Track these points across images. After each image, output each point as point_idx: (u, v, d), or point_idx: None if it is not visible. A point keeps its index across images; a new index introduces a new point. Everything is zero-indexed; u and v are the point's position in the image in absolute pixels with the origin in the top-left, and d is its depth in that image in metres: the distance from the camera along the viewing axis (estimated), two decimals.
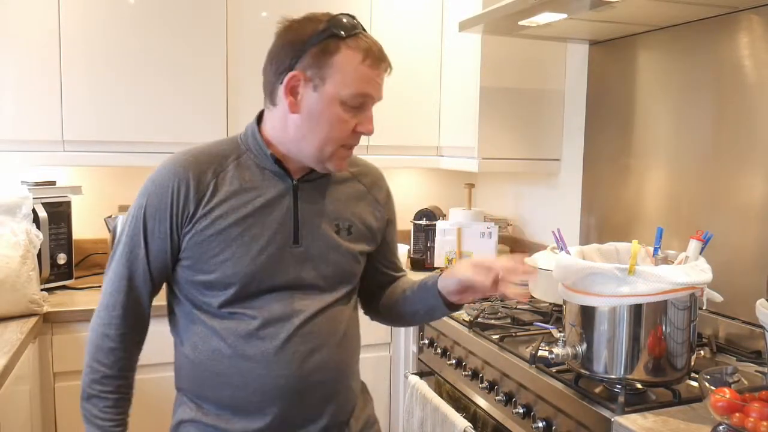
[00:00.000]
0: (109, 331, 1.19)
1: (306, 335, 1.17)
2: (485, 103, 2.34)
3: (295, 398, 1.17)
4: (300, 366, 1.16)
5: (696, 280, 1.26)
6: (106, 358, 1.18)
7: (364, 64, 1.13)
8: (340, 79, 1.12)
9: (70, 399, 1.99)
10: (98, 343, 1.19)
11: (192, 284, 1.18)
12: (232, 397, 1.16)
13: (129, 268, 1.18)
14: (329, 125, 1.14)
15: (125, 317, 1.19)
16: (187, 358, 1.20)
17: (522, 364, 1.54)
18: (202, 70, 2.32)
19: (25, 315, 1.88)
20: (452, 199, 3.00)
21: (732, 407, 1.12)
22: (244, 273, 1.15)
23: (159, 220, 1.16)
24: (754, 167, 1.65)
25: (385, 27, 2.50)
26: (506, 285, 1.16)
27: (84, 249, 2.53)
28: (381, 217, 1.33)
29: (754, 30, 1.65)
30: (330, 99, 1.13)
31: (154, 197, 1.16)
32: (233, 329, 1.16)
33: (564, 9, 1.72)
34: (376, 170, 1.37)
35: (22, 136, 2.16)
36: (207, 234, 1.15)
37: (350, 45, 1.12)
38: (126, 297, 1.18)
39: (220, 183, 1.17)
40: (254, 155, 1.21)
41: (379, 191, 1.34)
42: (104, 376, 1.18)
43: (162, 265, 1.18)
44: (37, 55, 2.15)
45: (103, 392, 1.18)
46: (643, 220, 2.01)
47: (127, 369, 1.21)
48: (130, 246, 1.18)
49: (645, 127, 2.00)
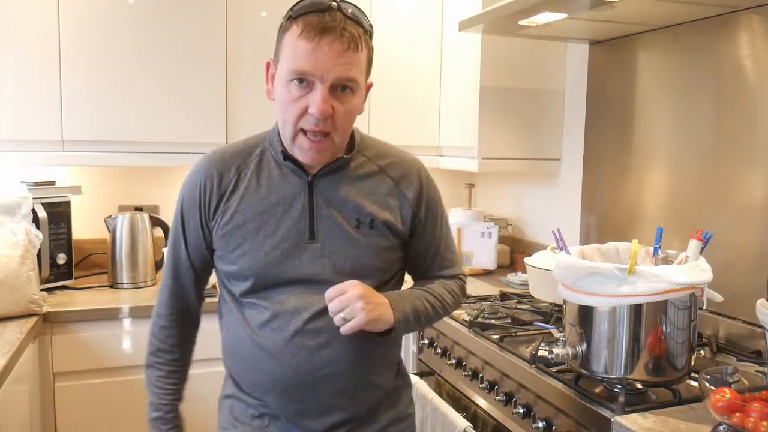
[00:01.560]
0: (160, 311, 1.32)
1: (315, 330, 1.18)
2: (485, 102, 2.34)
3: (305, 390, 1.19)
4: (308, 360, 1.17)
5: (696, 280, 1.26)
6: (160, 333, 1.31)
7: (300, 37, 1.09)
8: (284, 56, 1.12)
9: (69, 399, 1.99)
10: (154, 321, 1.32)
11: (222, 273, 1.26)
12: (252, 381, 1.23)
13: (174, 257, 1.29)
14: (283, 107, 1.14)
15: (172, 300, 1.30)
16: (224, 340, 1.29)
17: (522, 364, 1.54)
18: (202, 70, 2.32)
19: (25, 315, 1.88)
20: (452, 199, 3.00)
21: (732, 407, 1.12)
22: (258, 267, 1.19)
23: (192, 214, 1.24)
24: (754, 167, 1.64)
25: (385, 27, 2.50)
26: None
27: (84, 249, 2.53)
28: (406, 213, 1.26)
29: (754, 30, 1.64)
30: (280, 79, 1.13)
31: (187, 193, 1.25)
32: (252, 318, 1.21)
33: (564, 9, 1.72)
34: (409, 162, 1.29)
35: (22, 136, 2.16)
36: (228, 228, 1.21)
37: (297, 21, 1.10)
38: (173, 283, 1.30)
39: (241, 179, 1.22)
40: (274, 152, 1.23)
41: (408, 185, 1.26)
42: (158, 349, 1.31)
43: (200, 255, 1.27)
44: (37, 54, 2.15)
45: (157, 363, 1.31)
46: (643, 220, 2.01)
47: (178, 345, 1.32)
48: (174, 237, 1.28)
49: (645, 127, 2.00)
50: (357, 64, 1.12)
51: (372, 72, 1.20)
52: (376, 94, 2.47)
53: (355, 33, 1.10)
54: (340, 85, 1.12)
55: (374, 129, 2.53)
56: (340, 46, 1.09)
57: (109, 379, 2.03)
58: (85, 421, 2.01)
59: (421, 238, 1.30)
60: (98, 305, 2.02)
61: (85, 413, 2.00)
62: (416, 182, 1.28)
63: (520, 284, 2.33)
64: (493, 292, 2.23)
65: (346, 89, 1.13)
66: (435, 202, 1.31)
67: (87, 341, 1.99)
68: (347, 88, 1.13)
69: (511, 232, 2.76)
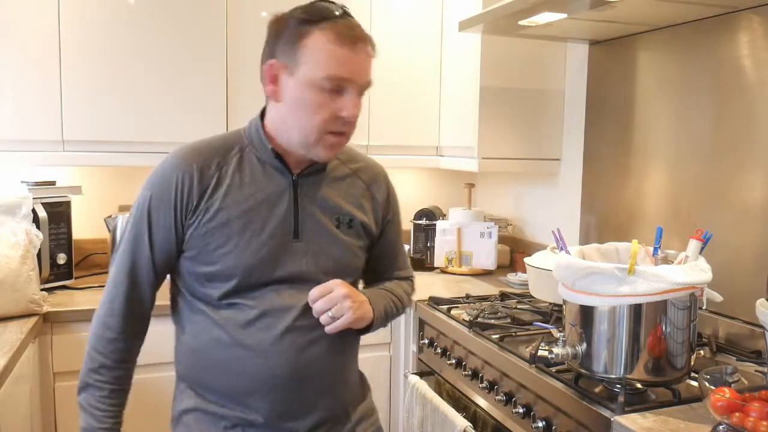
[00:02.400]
0: (110, 321, 1.20)
1: (304, 327, 1.18)
2: (485, 102, 2.34)
3: (292, 389, 1.18)
4: (296, 357, 1.17)
5: (696, 279, 1.26)
6: (105, 348, 1.20)
7: (335, 44, 1.11)
8: (313, 62, 1.12)
9: (70, 399, 1.98)
10: (99, 333, 1.21)
11: (194, 276, 1.19)
12: (231, 385, 1.18)
13: (132, 260, 1.20)
14: (308, 111, 1.14)
15: (126, 308, 1.20)
16: (187, 346, 1.22)
17: (522, 363, 1.54)
18: (201, 70, 2.32)
19: (25, 315, 1.88)
20: (452, 199, 3.00)
21: (732, 407, 1.11)
22: (245, 266, 1.16)
23: (163, 211, 1.17)
24: (754, 167, 1.64)
25: (385, 27, 2.50)
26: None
27: (84, 249, 2.53)
28: (378, 215, 1.32)
29: (754, 30, 1.64)
30: (305, 83, 1.13)
31: (159, 189, 1.18)
32: (232, 318, 1.17)
33: (564, 9, 1.72)
34: (376, 167, 1.36)
35: (22, 136, 2.16)
36: (209, 226, 1.17)
37: (321, 27, 1.12)
38: (128, 288, 1.20)
39: (222, 176, 1.18)
40: (256, 150, 1.22)
41: (378, 188, 1.33)
42: (101, 365, 1.20)
43: (166, 257, 1.20)
44: (37, 54, 2.15)
45: (99, 381, 1.20)
46: (643, 220, 2.01)
47: (125, 360, 1.22)
48: (134, 237, 1.20)
49: (645, 127, 2.00)
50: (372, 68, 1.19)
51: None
52: (376, 94, 2.48)
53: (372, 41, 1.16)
54: (363, 89, 1.17)
55: (374, 129, 2.54)
56: (369, 53, 1.16)
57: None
58: None
59: (385, 240, 1.36)
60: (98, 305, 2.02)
61: None
62: (384, 186, 1.35)
63: (520, 284, 2.33)
64: (493, 292, 2.23)
65: (363, 92, 1.18)
66: (398, 205, 1.39)
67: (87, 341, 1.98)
68: (364, 91, 1.18)
69: (511, 232, 2.76)
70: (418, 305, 2.13)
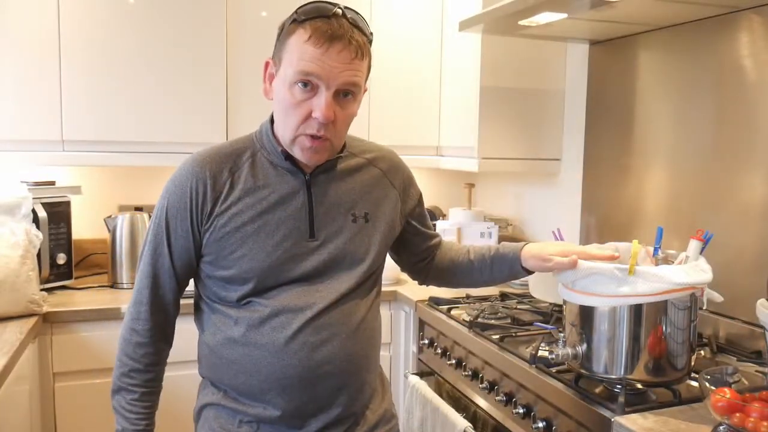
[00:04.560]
0: (136, 326, 1.23)
1: (318, 326, 1.18)
2: (485, 102, 2.34)
3: (305, 388, 1.19)
4: (309, 356, 1.18)
5: (696, 280, 1.26)
6: (134, 352, 1.23)
7: (308, 42, 1.09)
8: (288, 59, 1.12)
9: (69, 399, 1.99)
10: (127, 338, 1.24)
11: (213, 280, 1.22)
12: (246, 383, 1.20)
13: (154, 267, 1.22)
14: (286, 110, 1.14)
15: (151, 313, 1.23)
16: (207, 346, 1.25)
17: (522, 364, 1.54)
18: (201, 69, 2.32)
19: (25, 315, 1.88)
20: (452, 199, 3.00)
21: (732, 407, 1.11)
22: (260, 268, 1.17)
23: (180, 218, 1.19)
24: (754, 167, 1.64)
25: (385, 27, 2.50)
26: None
27: (83, 249, 2.53)
28: (397, 202, 1.34)
29: (754, 30, 1.64)
30: (283, 81, 1.13)
31: (174, 197, 1.20)
32: (247, 317, 1.19)
33: (564, 9, 1.72)
34: (391, 153, 1.37)
35: (22, 136, 2.16)
36: (225, 231, 1.18)
37: (304, 26, 1.11)
38: (152, 293, 1.23)
39: (235, 181, 1.20)
40: (267, 152, 1.23)
41: (395, 175, 1.35)
42: (132, 369, 1.24)
43: (186, 262, 1.22)
44: (37, 55, 2.15)
45: (130, 385, 1.24)
46: (643, 220, 2.01)
47: (154, 363, 1.26)
48: (154, 245, 1.22)
49: (645, 127, 2.00)
50: (361, 71, 1.15)
51: (371, 72, 1.22)
52: (376, 94, 2.48)
53: (360, 41, 1.13)
54: (344, 90, 1.13)
55: (374, 129, 2.53)
56: (348, 54, 1.11)
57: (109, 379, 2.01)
58: (85, 421, 2.00)
59: (415, 219, 1.41)
60: (98, 305, 2.02)
61: (85, 413, 2.00)
62: (401, 171, 1.37)
63: (520, 284, 2.33)
64: (493, 292, 2.23)
65: (348, 95, 1.15)
66: (415, 183, 1.42)
67: (87, 341, 1.99)
68: (349, 94, 1.15)
69: (511, 232, 2.76)
70: (418, 305, 2.13)
